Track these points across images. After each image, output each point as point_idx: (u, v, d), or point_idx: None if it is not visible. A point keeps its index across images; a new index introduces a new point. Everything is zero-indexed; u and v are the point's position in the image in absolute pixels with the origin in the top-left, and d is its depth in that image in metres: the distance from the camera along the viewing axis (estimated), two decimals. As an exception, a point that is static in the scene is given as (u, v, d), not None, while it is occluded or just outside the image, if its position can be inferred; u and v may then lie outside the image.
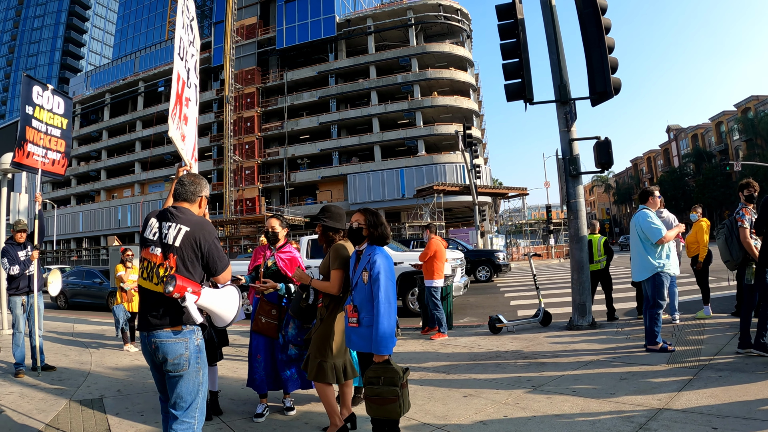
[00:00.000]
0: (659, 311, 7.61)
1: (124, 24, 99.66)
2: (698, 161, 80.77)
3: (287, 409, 5.83)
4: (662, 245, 7.66)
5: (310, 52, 63.36)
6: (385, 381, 3.99)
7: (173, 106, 6.03)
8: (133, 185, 72.70)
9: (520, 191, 51.95)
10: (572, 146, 10.34)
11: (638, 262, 7.84)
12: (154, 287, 3.57)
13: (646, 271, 7.68)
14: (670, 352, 7.31)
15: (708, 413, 4.84)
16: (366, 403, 4.11)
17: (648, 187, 8.42)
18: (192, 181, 3.91)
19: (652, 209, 7.95)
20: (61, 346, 10.33)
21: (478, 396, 5.99)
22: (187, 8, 6.80)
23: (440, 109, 57.44)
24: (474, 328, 10.74)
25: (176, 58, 6.19)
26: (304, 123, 61.11)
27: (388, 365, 4.06)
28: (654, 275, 7.65)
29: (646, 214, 7.81)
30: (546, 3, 10.75)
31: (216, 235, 3.77)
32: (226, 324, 3.78)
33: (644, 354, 7.38)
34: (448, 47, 58.88)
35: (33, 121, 9.60)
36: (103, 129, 76.60)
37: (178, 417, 3.50)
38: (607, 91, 9.82)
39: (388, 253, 4.56)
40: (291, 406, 5.88)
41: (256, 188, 60.64)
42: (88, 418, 5.76)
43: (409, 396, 4.07)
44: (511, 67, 10.58)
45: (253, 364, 5.86)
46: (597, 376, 6.45)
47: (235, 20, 62.61)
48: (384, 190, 56.05)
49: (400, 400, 3.95)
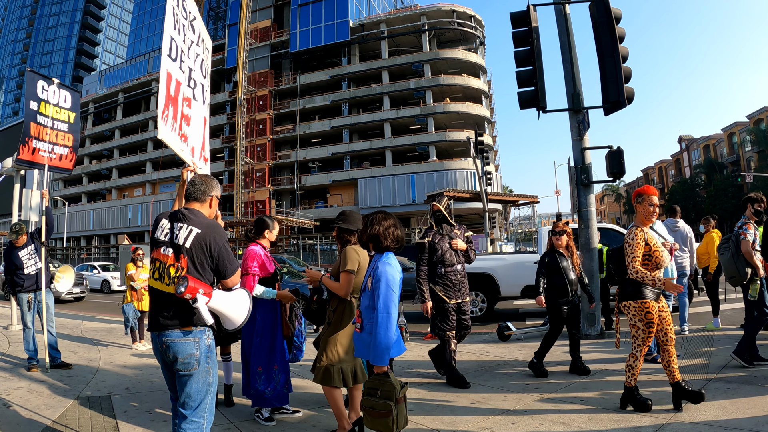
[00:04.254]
0: None
1: (138, 24, 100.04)
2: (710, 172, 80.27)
3: (294, 411, 5.86)
4: None
5: (323, 56, 63.50)
6: (382, 394, 3.86)
7: (163, 107, 5.97)
8: (145, 185, 72.97)
9: (530, 199, 51.75)
10: (584, 155, 10.32)
11: None
12: (165, 288, 3.59)
13: None
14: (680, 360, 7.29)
15: (716, 425, 4.82)
16: (363, 415, 4.02)
17: None
18: (202, 180, 3.93)
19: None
20: (69, 343, 10.37)
21: (486, 403, 5.98)
22: (183, 9, 6.80)
23: (452, 116, 57.40)
24: (482, 336, 10.71)
25: (165, 59, 6.13)
26: (316, 126, 61.23)
27: (386, 378, 3.93)
28: None
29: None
30: (560, 11, 10.75)
31: (226, 238, 3.78)
32: (236, 327, 3.77)
33: (653, 364, 7.34)
34: (461, 53, 58.89)
35: (38, 117, 9.63)
36: (116, 128, 76.96)
37: (187, 416, 3.52)
38: (621, 100, 9.79)
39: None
40: (297, 409, 5.91)
41: (267, 190, 60.71)
42: (96, 415, 5.78)
43: (406, 411, 3.91)
44: (525, 75, 10.58)
45: (270, 374, 5.70)
46: (605, 385, 6.43)
47: (249, 23, 62.69)
48: (395, 195, 56.00)
49: (393, 415, 3.78)
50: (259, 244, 5.93)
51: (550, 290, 7.40)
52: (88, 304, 20.19)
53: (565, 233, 7.52)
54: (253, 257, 5.69)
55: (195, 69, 7.28)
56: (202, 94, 7.53)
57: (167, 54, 6.21)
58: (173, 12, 6.40)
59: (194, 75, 7.23)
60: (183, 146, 6.62)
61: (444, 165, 55.38)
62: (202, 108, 7.53)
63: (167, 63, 6.18)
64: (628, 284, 5.53)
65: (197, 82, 7.35)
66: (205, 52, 7.83)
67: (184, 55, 6.82)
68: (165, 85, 6.09)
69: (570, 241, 7.60)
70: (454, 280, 7.03)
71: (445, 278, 7.02)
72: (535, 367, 7.18)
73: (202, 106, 7.57)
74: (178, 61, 6.58)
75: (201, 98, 7.49)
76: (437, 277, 7.05)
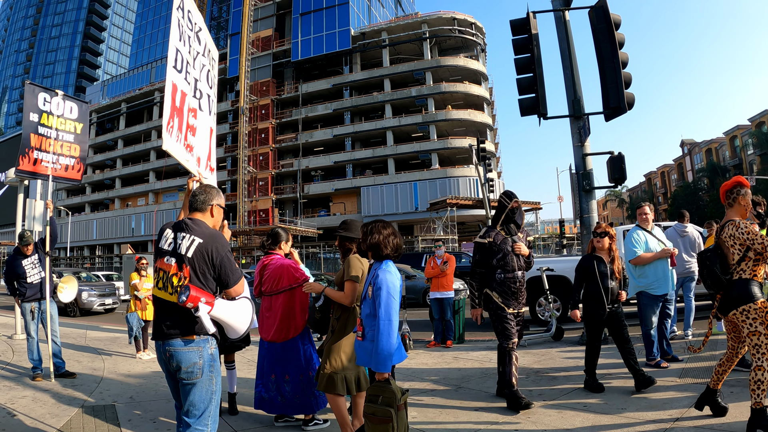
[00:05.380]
0: (649, 329, 7.62)
1: (141, 34, 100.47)
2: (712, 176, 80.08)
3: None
4: (647, 264, 7.70)
5: (324, 65, 63.70)
6: (383, 401, 3.89)
7: (168, 118, 6.01)
8: (148, 194, 73.10)
9: (533, 205, 51.72)
10: (586, 161, 10.33)
11: (629, 281, 7.86)
12: (168, 297, 3.62)
13: (631, 289, 7.69)
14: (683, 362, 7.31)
15: (719, 429, 4.82)
16: (365, 421, 4.05)
17: (640, 203, 8.40)
18: (202, 190, 3.96)
19: (645, 226, 7.94)
20: (73, 352, 10.38)
21: (490, 410, 5.99)
22: (189, 20, 6.83)
23: (454, 123, 57.48)
24: (486, 342, 10.71)
25: (170, 70, 6.16)
26: (318, 135, 61.35)
27: (387, 384, 3.96)
28: (638, 294, 7.75)
29: (631, 233, 7.86)
30: (560, 18, 10.78)
31: (229, 248, 3.81)
32: (239, 336, 3.80)
33: (655, 369, 7.34)
34: (462, 61, 59.01)
35: (39, 128, 9.68)
36: (119, 138, 77.22)
37: (191, 425, 3.54)
38: (621, 106, 9.81)
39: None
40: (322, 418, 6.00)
41: (270, 199, 60.79)
42: (101, 423, 5.80)
43: (406, 418, 3.95)
44: (525, 82, 10.60)
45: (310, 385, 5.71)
46: (608, 391, 6.42)
47: (250, 32, 62.88)
48: (397, 203, 56.05)
49: (393, 422, 3.81)
50: (278, 254, 6.08)
51: (585, 299, 6.80)
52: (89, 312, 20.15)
53: (607, 235, 6.81)
54: (291, 266, 5.97)
55: (201, 80, 7.30)
56: (208, 104, 7.55)
57: (172, 65, 6.23)
58: (178, 24, 6.42)
59: (200, 85, 7.25)
60: (188, 156, 6.63)
61: (446, 172, 55.44)
62: (208, 118, 7.55)
63: (172, 74, 6.20)
64: (740, 285, 4.85)
65: (203, 92, 7.37)
66: (211, 62, 7.85)
67: (190, 66, 6.83)
68: (170, 96, 6.11)
69: (613, 244, 6.87)
70: (513, 288, 6.32)
71: (504, 285, 6.30)
72: (589, 384, 6.60)
73: (209, 116, 7.59)
74: (184, 72, 6.60)
75: (207, 108, 7.51)
76: (495, 283, 6.34)
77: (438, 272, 10.86)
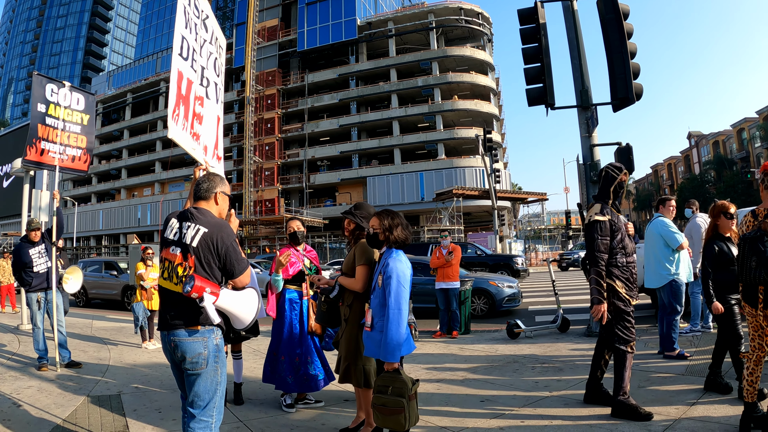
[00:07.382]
0: (676, 318, 7.63)
1: (146, 25, 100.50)
2: (719, 168, 79.94)
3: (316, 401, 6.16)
4: (678, 252, 7.73)
5: (331, 55, 63.50)
6: (393, 391, 3.88)
7: (174, 106, 5.97)
8: (154, 184, 73.23)
9: (539, 196, 51.66)
10: (593, 152, 10.28)
11: (654, 270, 7.90)
12: (173, 287, 3.58)
13: (662, 278, 7.76)
14: (688, 360, 7.27)
15: (726, 423, 4.79)
16: (374, 412, 4.03)
17: (665, 195, 8.44)
18: (206, 178, 3.93)
19: (668, 217, 7.98)
20: (79, 342, 10.41)
21: (495, 400, 5.96)
22: (195, 8, 6.79)
23: (460, 113, 57.28)
24: (492, 333, 10.70)
25: (176, 58, 6.13)
26: (324, 125, 61.24)
27: (397, 375, 3.95)
28: (670, 282, 7.72)
29: (664, 222, 7.88)
30: (568, 8, 10.71)
31: (234, 238, 3.76)
32: (245, 326, 3.76)
33: (662, 362, 7.31)
34: (468, 51, 58.75)
35: (47, 119, 9.69)
36: (125, 128, 77.23)
37: (195, 415, 3.52)
38: (629, 96, 9.76)
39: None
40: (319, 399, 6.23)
41: (276, 189, 60.75)
42: (106, 414, 5.80)
43: (417, 408, 3.94)
44: (533, 72, 10.55)
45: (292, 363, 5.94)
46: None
47: (256, 22, 62.71)
48: (403, 193, 56.00)
49: (405, 412, 3.80)
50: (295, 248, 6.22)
51: (717, 287, 5.74)
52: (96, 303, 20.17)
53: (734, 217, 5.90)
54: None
55: (208, 67, 7.27)
56: (215, 92, 7.52)
57: (178, 53, 6.21)
58: (184, 11, 6.39)
59: (207, 73, 7.22)
60: (195, 145, 6.61)
61: (453, 162, 55.31)
62: (215, 106, 7.52)
63: (178, 62, 6.18)
64: None
65: (210, 80, 7.34)
66: (218, 50, 7.81)
67: (196, 53, 6.81)
68: (176, 84, 6.08)
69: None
70: (634, 273, 5.49)
71: (627, 270, 5.39)
72: (715, 384, 5.79)
73: (215, 104, 7.56)
74: (190, 59, 6.57)
75: (214, 96, 7.48)
76: (617, 268, 5.37)
77: (443, 262, 10.88)
